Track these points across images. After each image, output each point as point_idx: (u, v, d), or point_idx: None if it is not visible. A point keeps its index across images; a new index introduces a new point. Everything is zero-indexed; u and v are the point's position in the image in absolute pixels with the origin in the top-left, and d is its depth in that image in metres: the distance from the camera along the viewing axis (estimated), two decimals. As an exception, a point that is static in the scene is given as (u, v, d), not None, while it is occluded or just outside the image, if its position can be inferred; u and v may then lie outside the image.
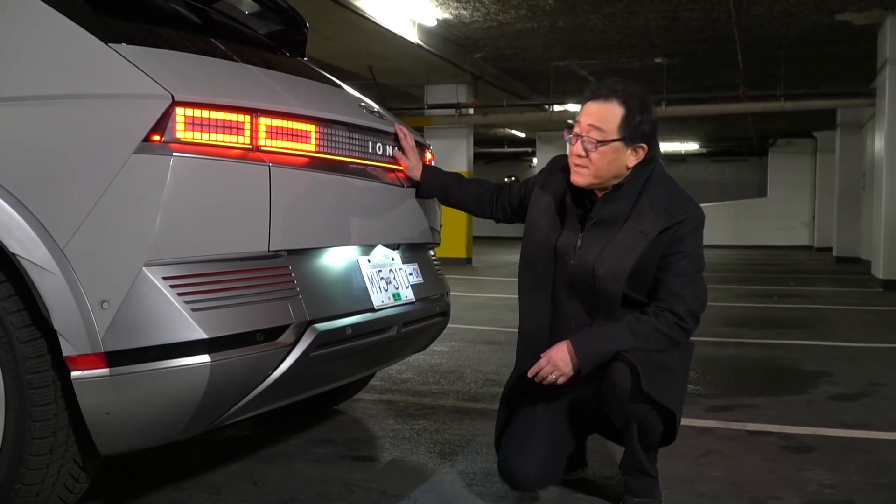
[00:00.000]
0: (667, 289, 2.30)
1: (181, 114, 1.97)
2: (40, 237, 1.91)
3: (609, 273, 2.28)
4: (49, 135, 1.99)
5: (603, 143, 2.29)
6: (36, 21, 2.10)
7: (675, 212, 2.30)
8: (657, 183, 2.37)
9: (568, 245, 2.40)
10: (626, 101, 2.31)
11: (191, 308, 1.93)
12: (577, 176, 2.35)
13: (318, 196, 2.29)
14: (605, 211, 2.37)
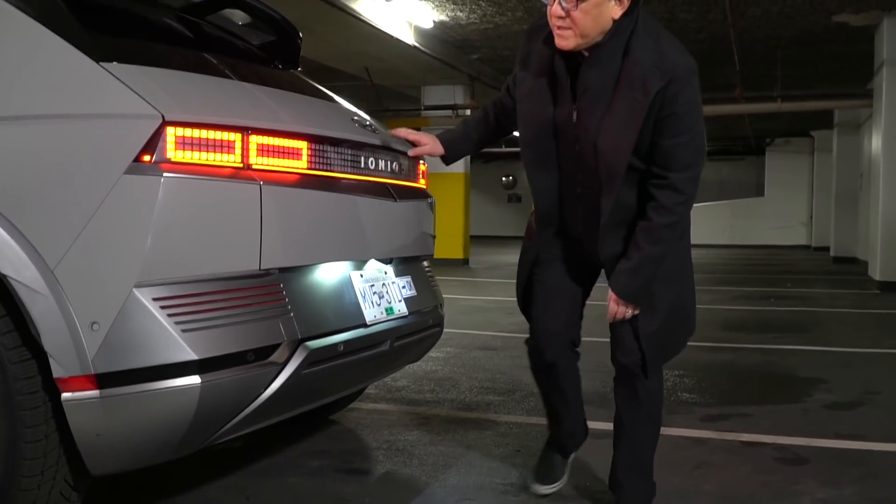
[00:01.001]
0: (666, 150, 2.18)
1: (172, 133, 1.96)
2: (31, 258, 1.91)
3: (612, 150, 2.18)
4: (39, 155, 1.99)
5: (581, 1, 2.08)
6: (26, 38, 2.09)
7: (667, 67, 2.11)
8: (643, 34, 2.16)
9: (564, 119, 2.26)
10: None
11: (181, 329, 1.93)
12: (561, 40, 2.15)
13: (310, 213, 2.28)
14: (592, 77, 2.19)
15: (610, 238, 2.32)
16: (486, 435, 3.43)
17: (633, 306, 2.33)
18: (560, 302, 2.51)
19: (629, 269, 2.29)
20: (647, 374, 2.40)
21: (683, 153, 2.19)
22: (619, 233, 2.31)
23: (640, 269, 2.27)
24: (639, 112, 2.11)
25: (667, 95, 2.11)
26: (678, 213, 2.24)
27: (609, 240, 2.32)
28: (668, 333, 2.42)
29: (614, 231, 2.31)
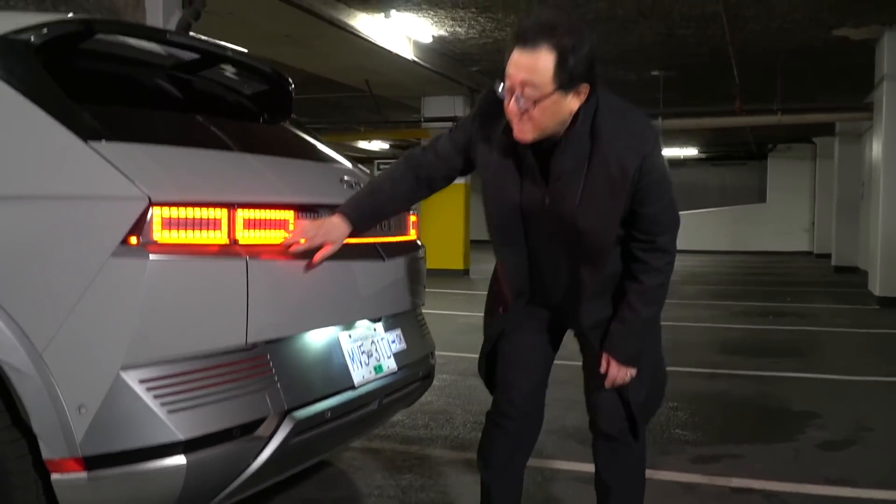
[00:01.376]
0: (647, 219, 2.20)
1: (158, 214, 1.99)
2: (19, 341, 1.94)
3: (596, 229, 2.18)
4: (28, 236, 2.02)
5: (540, 99, 2.02)
6: (13, 114, 2.11)
7: (638, 144, 2.12)
8: (607, 114, 2.14)
9: (535, 201, 2.22)
10: (556, 43, 1.98)
11: (167, 410, 1.95)
12: (521, 134, 2.10)
13: (297, 282, 2.30)
14: (564, 162, 2.16)
15: (593, 305, 2.32)
16: (478, 478, 3.44)
17: (633, 369, 2.32)
18: (527, 374, 2.47)
19: (629, 334, 2.29)
20: (637, 437, 2.41)
21: (666, 216, 2.23)
22: (601, 299, 2.33)
23: (639, 331, 2.30)
24: (619, 192, 2.11)
25: (643, 169, 2.11)
26: (667, 273, 2.29)
27: (592, 307, 2.32)
28: (653, 396, 2.45)
29: (596, 299, 2.32)
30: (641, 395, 2.36)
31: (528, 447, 2.55)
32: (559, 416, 4.49)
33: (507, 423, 2.46)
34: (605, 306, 2.33)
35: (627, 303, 2.27)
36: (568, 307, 2.36)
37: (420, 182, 2.41)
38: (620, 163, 2.10)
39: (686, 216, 20.71)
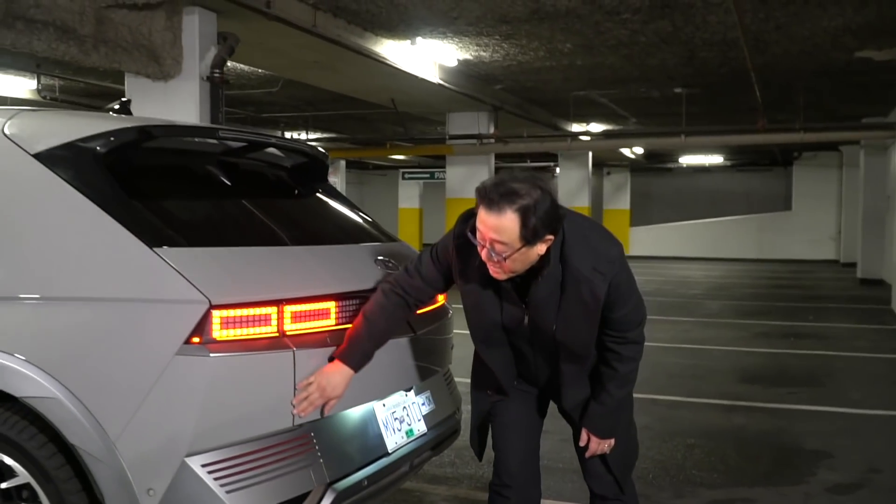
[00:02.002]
0: (618, 320, 2.48)
1: (217, 316, 2.24)
2: (95, 431, 2.19)
3: (573, 342, 2.48)
4: (101, 334, 2.28)
5: (510, 254, 2.27)
6: (88, 224, 2.37)
7: (604, 268, 2.38)
8: (574, 245, 2.38)
9: (514, 320, 2.51)
10: (518, 208, 2.23)
11: (226, 490, 2.21)
12: (495, 275, 2.36)
13: (337, 365, 2.54)
14: (539, 294, 2.42)
15: (573, 390, 2.63)
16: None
17: (611, 441, 2.65)
18: (520, 443, 2.73)
19: (605, 413, 2.59)
20: (623, 490, 2.71)
21: (633, 315, 2.53)
22: (580, 383, 2.63)
23: (614, 411, 2.61)
24: (593, 312, 2.42)
25: (611, 286, 2.41)
26: (638, 359, 2.60)
27: (572, 391, 2.63)
28: (628, 451, 2.78)
29: (576, 384, 2.62)
30: (616, 455, 2.69)
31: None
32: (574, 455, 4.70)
33: (508, 493, 2.71)
34: (584, 388, 2.64)
35: (603, 386, 2.57)
36: (551, 389, 2.70)
37: (411, 306, 2.66)
38: (591, 289, 2.38)
39: (711, 224, 20.85)
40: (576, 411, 2.65)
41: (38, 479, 2.29)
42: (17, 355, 2.32)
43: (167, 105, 7.51)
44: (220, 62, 7.66)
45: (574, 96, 13.85)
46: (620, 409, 2.64)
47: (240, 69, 11.42)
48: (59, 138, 2.53)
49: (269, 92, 13.16)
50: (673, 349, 8.51)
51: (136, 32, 7.20)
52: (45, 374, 2.27)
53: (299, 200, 3.26)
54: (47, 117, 2.78)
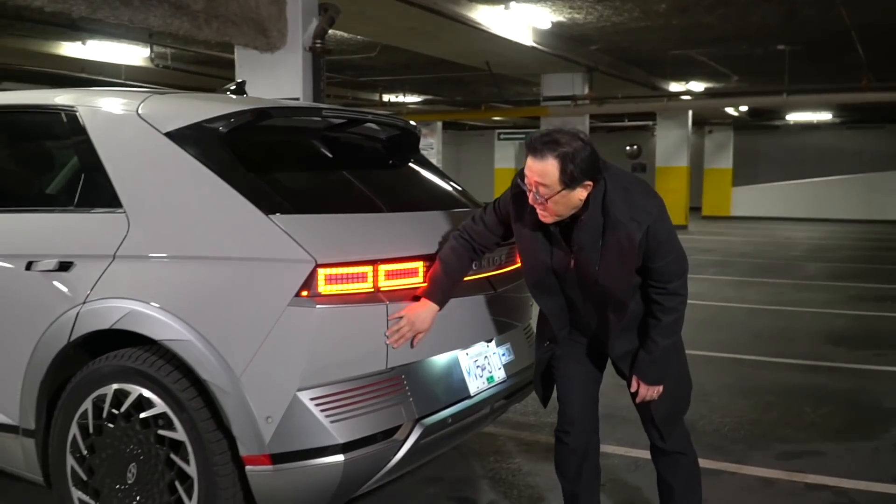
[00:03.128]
0: (659, 272, 2.68)
1: (322, 273, 2.62)
2: (223, 369, 2.61)
3: (614, 286, 2.69)
4: (227, 288, 2.69)
5: (551, 196, 2.57)
6: (213, 192, 2.78)
7: (642, 218, 2.61)
8: (614, 197, 2.64)
9: (563, 265, 2.76)
10: (558, 154, 2.53)
11: (330, 420, 2.60)
12: (542, 218, 2.66)
13: (426, 317, 2.89)
14: (582, 237, 2.68)
15: (620, 340, 2.83)
16: (577, 466, 3.99)
17: (659, 388, 2.84)
18: (578, 393, 2.97)
19: (652, 361, 2.79)
20: (665, 439, 2.94)
21: (675, 267, 2.72)
22: (627, 335, 2.83)
23: (660, 359, 2.80)
24: (629, 258, 2.64)
25: (649, 235, 2.62)
26: (681, 311, 2.78)
27: (619, 342, 2.83)
28: (674, 404, 2.95)
29: (623, 335, 2.82)
30: (662, 410, 2.90)
31: (593, 455, 3.05)
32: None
33: (567, 438, 2.98)
34: (632, 340, 2.84)
35: (650, 336, 2.78)
36: (602, 339, 2.90)
37: (476, 251, 2.97)
38: (628, 235, 2.61)
39: (818, 184, 20.15)
40: (624, 362, 2.86)
41: (173, 408, 2.73)
42: (153, 303, 2.75)
43: (273, 75, 7.96)
44: (321, 33, 8.05)
45: (672, 55, 13.74)
46: (668, 360, 2.82)
47: (339, 36, 11.83)
48: (187, 119, 2.94)
49: (368, 57, 13.56)
50: (764, 311, 8.56)
51: (245, 6, 7.64)
52: (179, 320, 2.70)
53: (393, 170, 3.61)
54: (176, 100, 3.20)
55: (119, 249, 2.84)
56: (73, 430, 2.90)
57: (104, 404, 2.82)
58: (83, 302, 2.86)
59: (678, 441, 2.99)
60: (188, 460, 2.68)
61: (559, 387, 3.03)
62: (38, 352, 2.96)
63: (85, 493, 2.91)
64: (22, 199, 3.46)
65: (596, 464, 3.08)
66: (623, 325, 2.79)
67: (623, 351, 2.86)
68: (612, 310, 2.78)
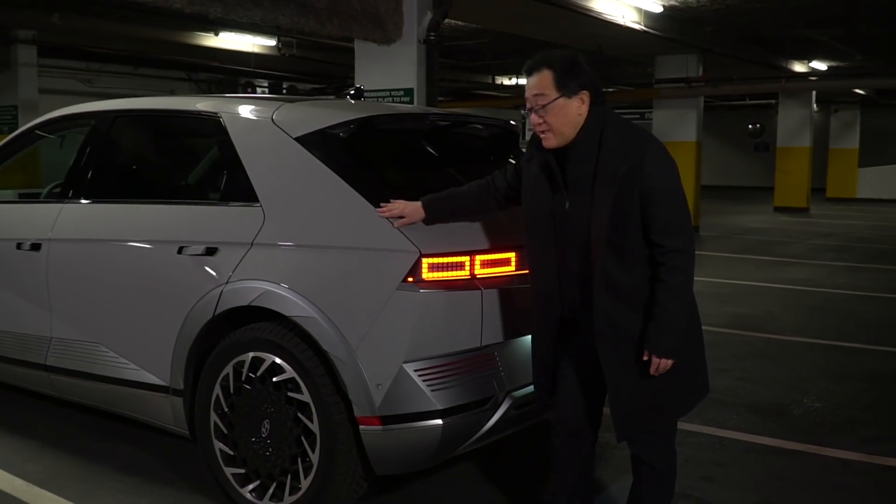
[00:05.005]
0: (658, 222, 2.59)
1: (425, 262, 3.02)
2: (341, 342, 3.05)
3: (606, 223, 2.59)
4: (344, 273, 3.13)
5: (549, 104, 2.64)
6: (333, 190, 3.22)
7: (633, 151, 2.59)
8: (611, 130, 2.65)
9: (560, 205, 2.74)
10: (552, 64, 2.66)
11: (430, 389, 3.00)
12: (545, 141, 2.72)
13: (516, 302, 3.24)
14: (575, 170, 2.69)
15: (607, 305, 2.65)
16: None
17: (670, 361, 2.64)
18: (570, 399, 2.90)
19: (661, 328, 2.60)
20: (619, 437, 2.77)
21: (675, 217, 2.62)
22: (617, 304, 2.65)
23: (670, 324, 2.61)
24: (611, 188, 2.58)
25: (643, 171, 2.57)
26: (688, 270, 2.63)
27: (606, 307, 2.66)
28: (647, 400, 2.72)
29: (609, 302, 2.65)
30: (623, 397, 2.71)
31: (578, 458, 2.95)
32: (748, 392, 5.18)
33: (556, 440, 2.96)
34: (621, 315, 2.65)
35: (656, 300, 2.61)
36: (585, 311, 2.73)
37: (490, 191, 3.07)
38: (614, 165, 2.60)
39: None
40: (604, 343, 2.68)
41: (300, 374, 3.19)
42: (283, 284, 3.22)
43: (389, 66, 8.43)
44: (435, 25, 8.45)
45: (791, 35, 13.47)
46: (680, 327, 2.63)
47: (453, 24, 12.21)
48: (313, 125, 3.40)
49: (481, 42, 13.90)
50: (875, 298, 8.48)
51: (365, 2, 8.12)
52: (305, 299, 3.15)
53: (493, 166, 3.95)
54: (304, 108, 3.66)
55: (256, 238, 3.33)
56: (217, 390, 3.41)
57: (243, 369, 3.32)
58: (226, 282, 3.36)
59: (648, 447, 2.81)
60: (312, 419, 3.15)
61: (558, 388, 2.97)
62: (187, 323, 3.49)
63: (225, 444, 3.42)
64: (173, 192, 4.02)
65: (587, 460, 3.00)
66: (612, 285, 2.64)
67: (607, 324, 2.67)
68: (605, 258, 2.63)
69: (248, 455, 3.34)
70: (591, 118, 2.69)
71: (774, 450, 4.21)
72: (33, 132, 4.67)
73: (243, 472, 3.36)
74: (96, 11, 11.64)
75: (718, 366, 5.81)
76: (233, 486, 3.38)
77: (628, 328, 2.68)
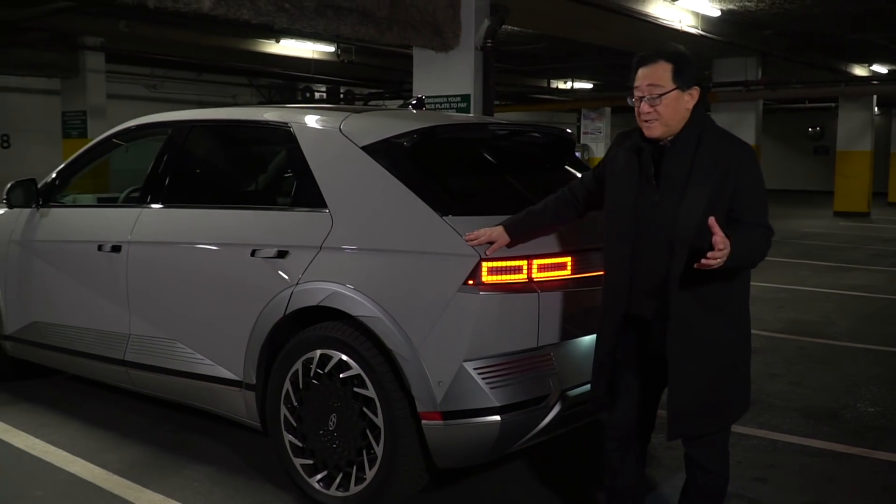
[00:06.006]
0: (750, 216, 2.68)
1: (485, 266, 3.17)
2: (405, 341, 3.22)
3: (691, 223, 2.63)
4: (407, 276, 3.30)
5: (664, 95, 2.70)
6: (399, 197, 3.40)
7: (732, 152, 2.70)
8: (710, 130, 2.75)
9: (647, 201, 2.77)
10: (670, 57, 2.74)
11: (489, 387, 3.16)
12: (649, 130, 2.76)
13: (572, 304, 3.38)
14: (672, 164, 2.74)
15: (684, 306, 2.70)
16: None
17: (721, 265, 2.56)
18: (624, 407, 2.98)
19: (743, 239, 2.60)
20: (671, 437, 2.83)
21: (760, 217, 2.72)
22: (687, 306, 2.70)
23: (747, 245, 2.63)
24: (706, 187, 2.66)
25: (741, 165, 2.69)
26: (763, 245, 2.70)
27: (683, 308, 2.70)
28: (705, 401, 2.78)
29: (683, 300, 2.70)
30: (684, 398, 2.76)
31: (632, 461, 3.05)
32: (802, 396, 5.22)
33: (609, 444, 3.05)
34: (694, 316, 2.70)
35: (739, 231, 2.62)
36: (658, 321, 2.77)
37: (566, 197, 3.18)
38: (714, 161, 2.69)
39: None
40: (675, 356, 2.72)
41: (366, 371, 3.36)
42: (350, 285, 3.40)
43: (446, 73, 8.62)
44: (491, 33, 8.62)
45: (850, 39, 13.30)
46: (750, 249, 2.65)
47: (509, 29, 12.35)
48: (378, 135, 3.58)
49: (536, 47, 14.02)
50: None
51: (423, 11, 8.33)
52: (371, 300, 3.33)
53: (549, 173, 4.11)
54: (369, 118, 3.85)
55: (325, 242, 3.52)
56: (287, 385, 3.62)
57: (311, 365, 3.52)
58: (296, 283, 3.56)
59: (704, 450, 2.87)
60: (377, 413, 3.33)
61: (616, 395, 3.03)
62: (259, 322, 3.70)
63: (294, 436, 3.62)
64: (246, 198, 4.24)
65: (640, 462, 3.10)
66: (684, 287, 2.68)
67: (679, 323, 2.70)
68: (684, 258, 2.65)
69: (316, 447, 3.54)
70: (694, 115, 2.78)
71: (826, 452, 4.26)
72: (110, 140, 4.94)
73: (311, 462, 3.56)
74: (162, 20, 12.08)
75: (773, 370, 5.85)
76: (301, 476, 3.58)
77: (701, 329, 2.73)
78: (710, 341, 2.74)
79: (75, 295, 4.62)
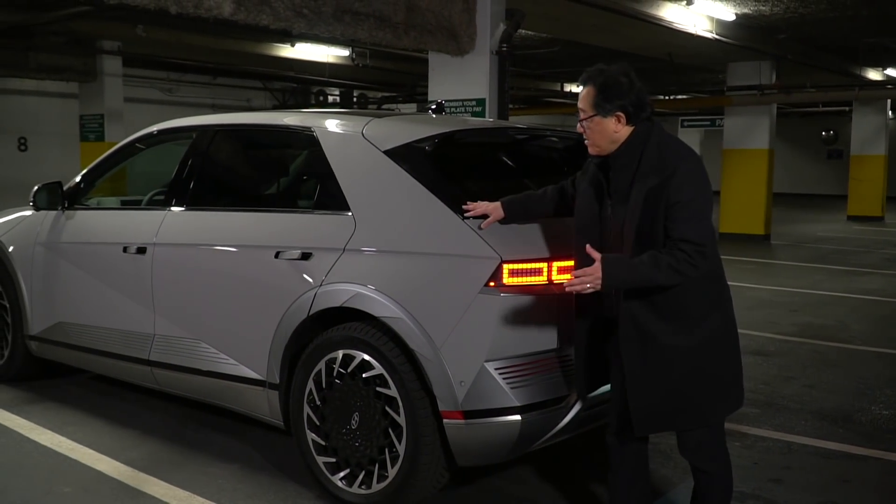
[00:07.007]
0: (676, 233, 2.69)
1: (506, 268, 3.23)
2: (427, 341, 3.29)
3: (640, 231, 2.75)
4: (429, 278, 3.36)
5: (586, 120, 2.85)
6: (420, 200, 3.46)
7: (665, 168, 2.72)
8: (652, 145, 2.79)
9: (604, 211, 2.94)
10: (593, 82, 2.83)
11: (510, 387, 3.22)
12: (589, 148, 2.94)
13: (591, 306, 3.44)
14: (617, 181, 2.87)
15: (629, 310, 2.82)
16: (731, 446, 4.36)
17: (595, 284, 2.74)
18: (618, 398, 3.00)
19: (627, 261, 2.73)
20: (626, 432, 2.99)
21: (690, 234, 2.69)
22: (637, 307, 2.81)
23: (634, 267, 2.71)
24: (640, 201, 2.75)
25: (672, 187, 2.69)
26: (683, 267, 2.68)
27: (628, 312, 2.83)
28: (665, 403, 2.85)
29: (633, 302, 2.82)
30: (642, 398, 2.85)
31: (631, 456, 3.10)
32: (816, 399, 5.25)
33: (609, 438, 3.11)
34: (645, 317, 2.80)
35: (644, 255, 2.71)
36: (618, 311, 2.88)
37: (562, 190, 3.29)
38: (645, 182, 2.75)
39: None
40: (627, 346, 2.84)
41: (388, 371, 3.42)
42: (373, 287, 3.47)
43: (462, 77, 8.68)
44: (507, 37, 8.68)
45: (865, 43, 13.29)
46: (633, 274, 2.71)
47: (524, 33, 12.41)
48: (400, 140, 3.65)
49: (551, 51, 14.07)
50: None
51: (439, 16, 8.39)
52: (394, 301, 3.40)
53: (566, 176, 4.15)
54: (391, 123, 3.92)
55: (348, 244, 3.59)
56: (310, 385, 3.68)
57: (335, 365, 3.58)
58: (320, 285, 3.63)
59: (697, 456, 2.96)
60: (399, 412, 3.39)
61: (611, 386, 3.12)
62: (283, 322, 3.77)
63: (317, 435, 3.69)
64: (270, 200, 4.32)
65: (640, 459, 3.14)
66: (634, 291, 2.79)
67: (630, 324, 2.82)
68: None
69: (339, 445, 3.60)
70: (634, 134, 2.85)
71: (841, 454, 4.30)
72: (133, 145, 5.03)
73: (334, 460, 3.62)
74: (178, 24, 12.20)
75: (787, 373, 5.89)
76: (324, 474, 3.65)
77: (651, 330, 2.81)
78: (670, 345, 2.80)
79: (100, 296, 4.70)
